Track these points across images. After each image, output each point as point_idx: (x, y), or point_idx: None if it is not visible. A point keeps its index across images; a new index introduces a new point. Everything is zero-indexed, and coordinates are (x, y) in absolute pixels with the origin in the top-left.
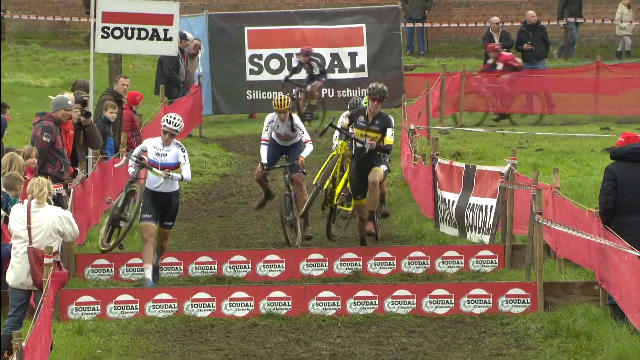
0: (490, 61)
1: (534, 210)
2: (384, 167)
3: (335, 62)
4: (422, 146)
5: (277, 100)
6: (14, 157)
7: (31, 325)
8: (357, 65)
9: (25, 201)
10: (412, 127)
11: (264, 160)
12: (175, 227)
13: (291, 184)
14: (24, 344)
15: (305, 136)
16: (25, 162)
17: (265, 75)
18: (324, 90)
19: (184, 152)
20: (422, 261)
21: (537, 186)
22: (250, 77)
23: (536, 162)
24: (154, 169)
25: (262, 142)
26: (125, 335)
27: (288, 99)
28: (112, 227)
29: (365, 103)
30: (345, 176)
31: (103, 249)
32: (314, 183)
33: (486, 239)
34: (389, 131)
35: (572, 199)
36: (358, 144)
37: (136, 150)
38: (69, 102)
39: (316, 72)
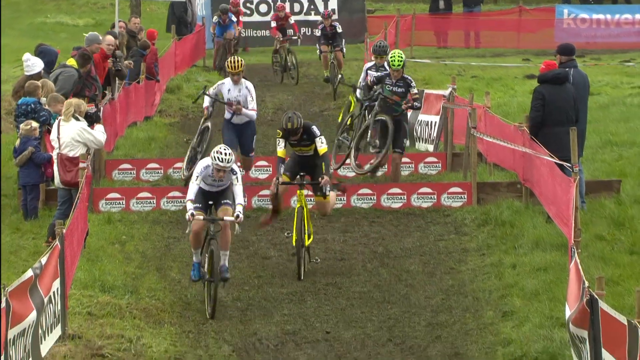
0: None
1: (469, 125)
2: (333, 192)
3: (312, 6)
4: None
5: (230, 62)
6: (45, 82)
7: (70, 216)
8: (329, 9)
9: (60, 117)
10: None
11: (207, 102)
12: (180, 137)
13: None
14: (64, 230)
15: (253, 104)
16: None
17: (256, 17)
18: (303, 29)
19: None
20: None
21: (472, 106)
22: (243, 19)
23: (471, 86)
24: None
25: (207, 94)
26: (145, 225)
27: (242, 60)
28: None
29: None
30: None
31: None
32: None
33: (431, 148)
34: (317, 141)
35: (500, 116)
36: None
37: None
38: (100, 38)
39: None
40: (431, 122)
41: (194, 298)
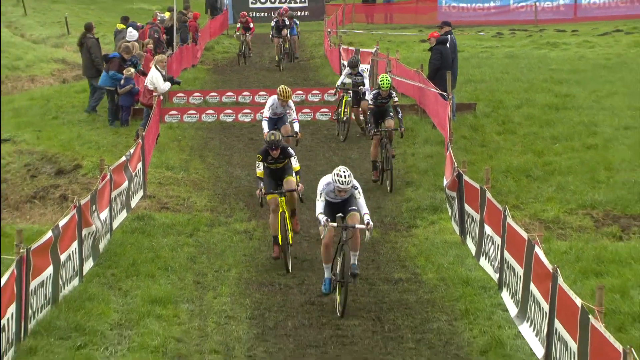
0: None
1: (387, 70)
2: (295, 175)
3: None
4: (334, 39)
5: (282, 91)
6: (134, 44)
7: (147, 124)
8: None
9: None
10: (329, 30)
11: (267, 129)
12: (213, 77)
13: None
14: (143, 133)
15: (293, 115)
16: (147, 46)
17: (258, 4)
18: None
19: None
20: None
21: (389, 58)
22: (251, 5)
23: (388, 47)
24: None
25: (264, 118)
26: (191, 130)
27: (290, 92)
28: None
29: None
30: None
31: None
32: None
33: (367, 82)
34: (293, 160)
35: (405, 65)
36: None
37: None
38: (166, 18)
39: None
40: (364, 69)
41: (223, 174)
